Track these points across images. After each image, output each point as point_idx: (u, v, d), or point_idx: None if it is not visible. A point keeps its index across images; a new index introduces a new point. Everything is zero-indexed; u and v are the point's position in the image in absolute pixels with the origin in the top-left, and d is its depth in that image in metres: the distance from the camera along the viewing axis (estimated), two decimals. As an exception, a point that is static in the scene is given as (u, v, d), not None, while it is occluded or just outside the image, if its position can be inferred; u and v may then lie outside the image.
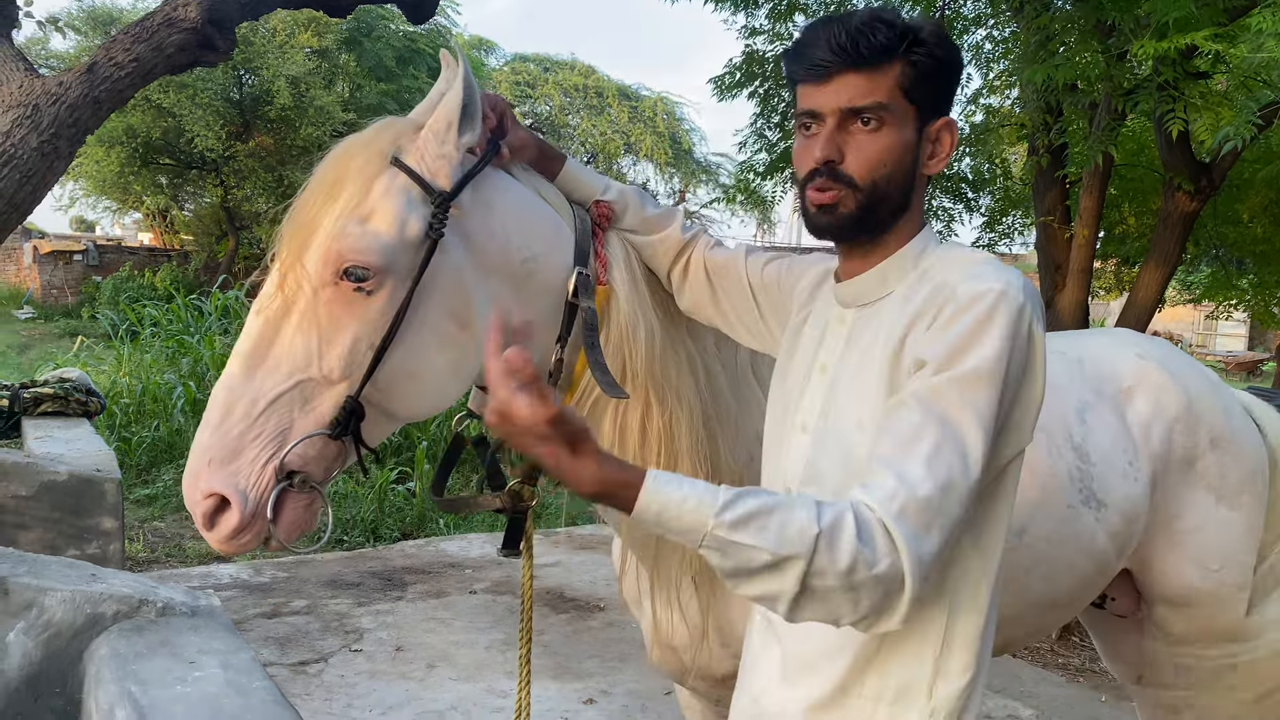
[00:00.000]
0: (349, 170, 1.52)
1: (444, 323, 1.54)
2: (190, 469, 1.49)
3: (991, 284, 1.28)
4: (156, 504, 7.46)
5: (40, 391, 5.39)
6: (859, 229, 1.40)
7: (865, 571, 1.16)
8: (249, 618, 5.08)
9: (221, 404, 1.48)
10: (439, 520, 7.39)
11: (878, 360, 1.36)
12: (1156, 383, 2.30)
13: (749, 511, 1.16)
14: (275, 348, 1.49)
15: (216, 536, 1.49)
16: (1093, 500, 2.15)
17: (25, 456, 4.11)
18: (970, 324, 1.26)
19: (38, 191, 3.42)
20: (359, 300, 1.48)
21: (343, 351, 1.48)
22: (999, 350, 1.25)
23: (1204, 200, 5.52)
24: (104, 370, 10.26)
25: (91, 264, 23.71)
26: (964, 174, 8.02)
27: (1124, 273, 8.87)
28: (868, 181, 1.36)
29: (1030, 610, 2.15)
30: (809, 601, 1.19)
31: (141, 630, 2.24)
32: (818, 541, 1.15)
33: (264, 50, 18.87)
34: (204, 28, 3.75)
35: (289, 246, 1.50)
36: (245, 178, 21.11)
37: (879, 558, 1.17)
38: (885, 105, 1.35)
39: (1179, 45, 3.79)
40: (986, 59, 7.35)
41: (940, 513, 1.20)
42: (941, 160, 1.41)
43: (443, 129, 1.55)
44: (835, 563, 1.16)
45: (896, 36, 1.34)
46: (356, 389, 1.51)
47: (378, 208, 1.49)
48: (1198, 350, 30.28)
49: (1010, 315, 1.26)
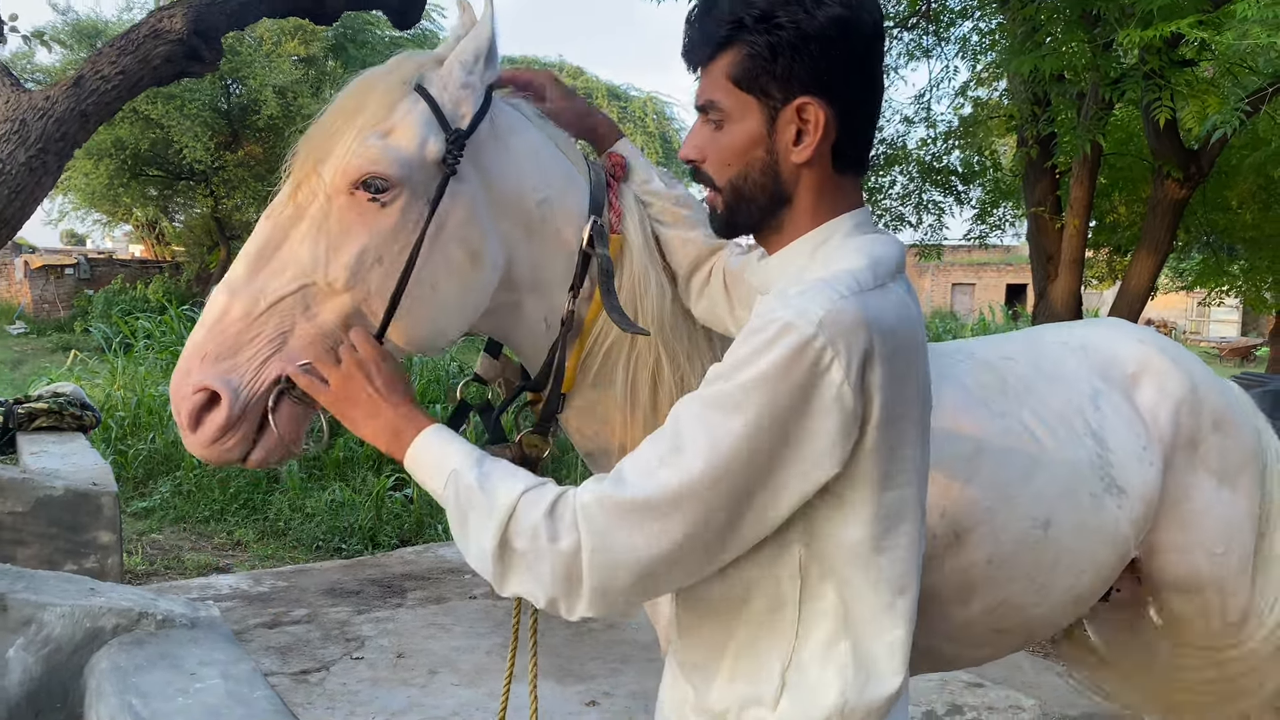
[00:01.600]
0: (371, 93, 1.51)
1: (454, 250, 1.53)
2: (181, 365, 1.45)
3: (786, 313, 1.17)
4: (154, 516, 7.44)
5: (35, 407, 5.38)
6: (733, 230, 1.38)
7: (544, 541, 1.19)
8: (249, 628, 5.07)
9: (220, 303, 1.46)
10: (437, 526, 7.38)
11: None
12: (1160, 367, 2.29)
13: (492, 469, 1.27)
14: (282, 251, 1.47)
15: (200, 437, 1.44)
16: (1114, 488, 2.11)
17: (21, 472, 4.10)
18: (746, 350, 1.18)
19: (26, 207, 3.41)
20: (372, 211, 1.47)
21: (350, 260, 1.46)
22: (754, 381, 1.16)
23: (1193, 187, 5.55)
24: (98, 384, 10.24)
25: (83, 277, 23.68)
26: (954, 167, 8.05)
27: (1116, 261, 8.90)
28: (724, 183, 1.32)
29: (1056, 606, 2.09)
30: (509, 562, 1.22)
31: (141, 643, 2.24)
32: (519, 500, 1.22)
33: (251, 59, 18.84)
34: (190, 39, 3.74)
35: (305, 158, 1.50)
36: (235, 187, 21.07)
37: (560, 533, 1.19)
38: (714, 103, 1.29)
39: (1164, 34, 3.80)
40: (974, 51, 7.38)
41: (647, 519, 1.17)
42: (810, 145, 1.26)
43: (470, 60, 1.55)
44: (526, 523, 1.20)
45: (724, 24, 1.26)
46: (380, 325, 1.49)
47: (399, 125, 1.49)
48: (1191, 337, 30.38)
49: (786, 350, 1.15)
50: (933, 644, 1.94)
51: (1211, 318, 31.30)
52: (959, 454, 1.92)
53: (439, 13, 17.05)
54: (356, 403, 1.38)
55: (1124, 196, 7.60)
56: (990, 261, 33.63)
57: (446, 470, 1.29)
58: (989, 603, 1.97)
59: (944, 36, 7.35)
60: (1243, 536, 2.31)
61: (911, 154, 7.86)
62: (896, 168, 7.82)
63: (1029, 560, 1.99)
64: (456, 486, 1.27)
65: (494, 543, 1.22)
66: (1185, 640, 2.40)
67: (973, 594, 1.95)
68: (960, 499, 1.89)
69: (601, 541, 1.18)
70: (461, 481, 1.27)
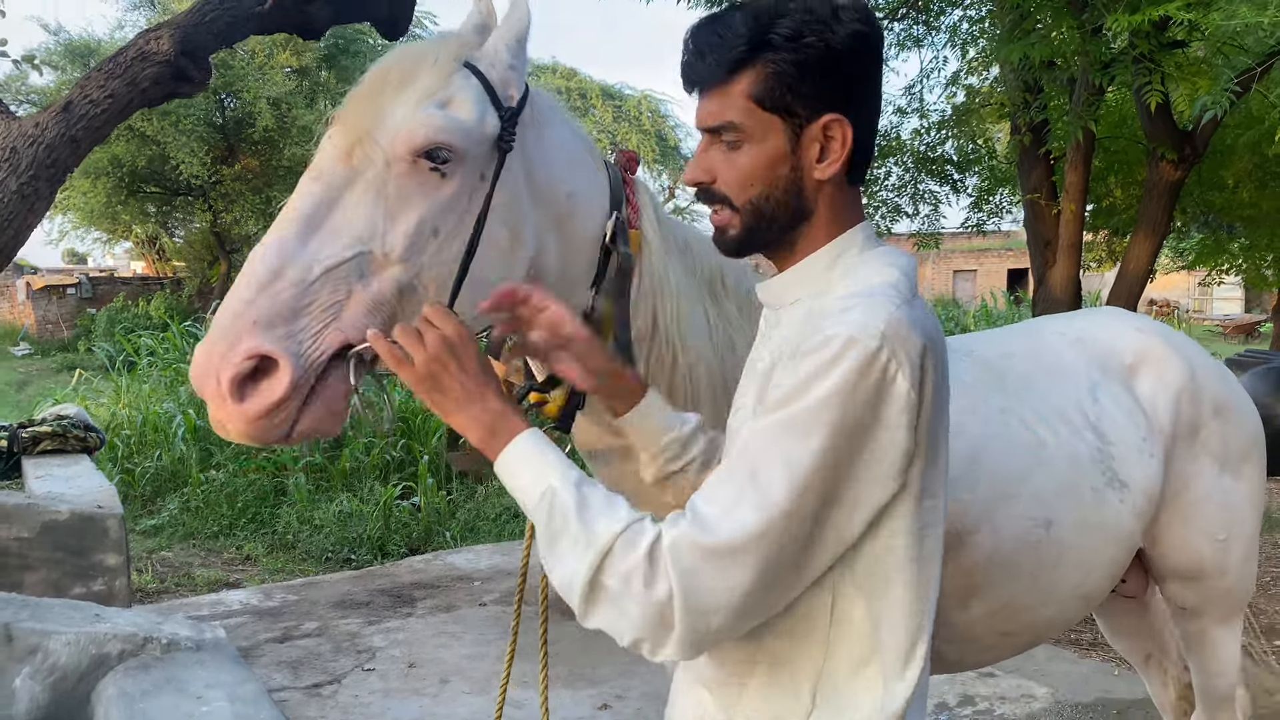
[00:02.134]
0: (423, 63, 1.48)
1: (500, 231, 1.50)
2: (224, 328, 1.32)
3: (845, 329, 1.17)
4: (163, 534, 7.46)
5: (38, 430, 5.40)
6: (749, 249, 1.35)
7: (639, 585, 1.17)
8: (260, 643, 5.08)
9: (270, 265, 1.35)
10: (445, 534, 7.39)
11: (759, 372, 1.33)
12: (1159, 355, 2.27)
13: (591, 495, 1.23)
14: (335, 215, 1.40)
15: (248, 409, 1.31)
16: (1116, 481, 2.08)
17: (26, 498, 4.11)
18: (808, 370, 1.17)
19: (20, 234, 3.43)
20: (433, 181, 1.43)
21: (408, 229, 1.41)
22: (823, 400, 1.15)
23: (1188, 168, 5.54)
24: (103, 403, 10.27)
25: (85, 296, 23.75)
26: (948, 156, 8.03)
27: (1115, 244, 8.88)
28: (744, 202, 1.29)
29: (1062, 604, 2.07)
30: (597, 599, 1.20)
31: (148, 668, 2.25)
32: (616, 539, 1.18)
33: (244, 73, 18.88)
34: (178, 59, 3.75)
35: (354, 125, 1.43)
36: (233, 201, 21.13)
37: (655, 579, 1.17)
38: (734, 124, 1.26)
39: (1152, 18, 3.79)
40: (963, 40, 7.37)
41: (733, 561, 1.16)
42: (835, 161, 1.27)
43: (514, 43, 1.54)
44: (621, 565, 1.18)
45: (742, 44, 1.23)
46: (441, 292, 1.45)
47: (457, 96, 1.46)
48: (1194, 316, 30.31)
49: (854, 364, 1.15)
50: (935, 647, 1.92)
51: (1214, 296, 31.24)
52: (959, 454, 1.90)
53: (430, 20, 17.05)
54: (445, 389, 1.31)
55: (1120, 179, 7.58)
56: (991, 247, 33.56)
57: (542, 485, 1.25)
58: (991, 605, 1.95)
59: (934, 26, 7.34)
60: (1246, 523, 2.30)
61: (906, 144, 7.86)
62: (891, 159, 7.81)
63: (1031, 560, 1.96)
64: (551, 506, 1.24)
65: (586, 577, 1.19)
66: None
67: (973, 596, 1.92)
68: (961, 500, 1.87)
69: (692, 587, 1.16)
70: (558, 502, 1.23)
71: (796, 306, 1.33)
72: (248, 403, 1.31)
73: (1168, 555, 2.26)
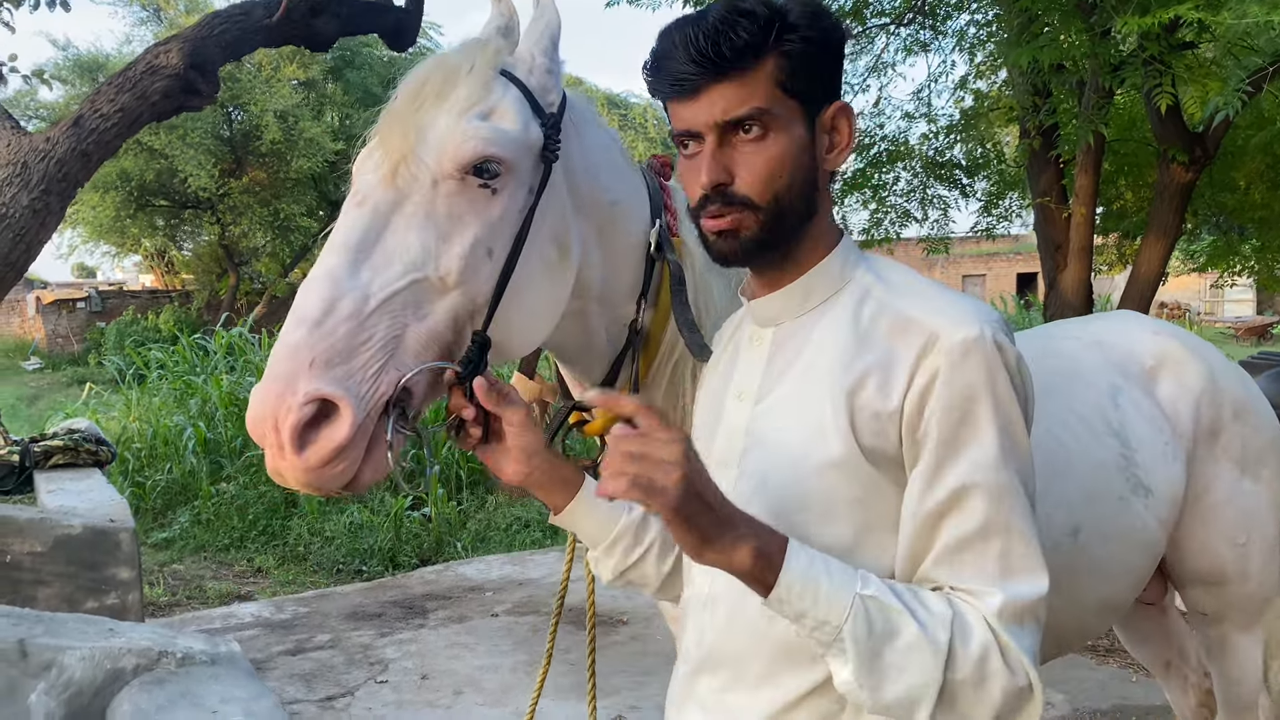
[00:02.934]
0: (459, 73, 1.39)
1: (548, 246, 1.44)
2: (280, 371, 1.22)
3: (969, 327, 1.16)
4: (175, 546, 7.47)
5: (50, 444, 5.41)
6: (766, 250, 1.25)
7: (998, 662, 1.12)
8: (273, 655, 5.07)
9: (324, 299, 1.26)
10: (456, 544, 7.38)
11: (824, 385, 1.22)
12: (1178, 358, 2.24)
13: (898, 588, 1.14)
14: (386, 241, 1.31)
15: (310, 458, 1.22)
16: (1140, 488, 2.05)
17: (39, 512, 4.12)
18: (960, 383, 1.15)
19: (31, 249, 3.44)
20: (483, 198, 1.35)
21: (463, 251, 1.33)
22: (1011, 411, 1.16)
23: (1200, 170, 5.50)
24: (114, 416, 10.29)
25: (95, 310, 23.84)
26: (957, 160, 8.01)
27: (1125, 247, 8.84)
28: (768, 198, 1.21)
29: (1087, 615, 2.03)
30: (954, 698, 1.11)
31: (162, 682, 2.24)
32: (953, 626, 1.11)
33: (251, 85, 18.98)
34: (186, 72, 3.76)
35: (395, 144, 1.35)
36: (241, 213, 21.22)
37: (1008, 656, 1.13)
38: (766, 110, 1.20)
39: (1162, 20, 3.77)
40: (971, 44, 7.35)
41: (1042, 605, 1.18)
42: (843, 150, 1.26)
43: (549, 46, 1.48)
44: (969, 651, 1.11)
45: (761, 28, 1.18)
46: (484, 317, 1.36)
47: (499, 106, 1.38)
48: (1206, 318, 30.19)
49: (1008, 360, 1.17)
50: None
51: (1226, 298, 31.11)
52: None
53: (435, 29, 17.11)
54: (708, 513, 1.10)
55: (1130, 182, 7.54)
56: (1000, 251, 33.48)
57: (847, 596, 1.10)
58: None
59: (941, 30, 7.32)
60: (1266, 527, 2.27)
61: (914, 149, 7.83)
62: (900, 164, 7.79)
63: (1059, 569, 1.93)
64: (869, 614, 1.10)
65: (939, 680, 1.10)
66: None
67: None
68: None
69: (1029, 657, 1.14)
70: (874, 607, 1.10)
71: (818, 316, 1.28)
72: (308, 451, 1.22)
73: (1188, 560, 2.23)
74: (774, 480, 1.24)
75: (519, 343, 1.47)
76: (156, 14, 20.62)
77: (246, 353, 11.00)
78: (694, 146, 1.24)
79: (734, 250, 1.25)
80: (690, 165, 1.25)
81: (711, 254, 1.28)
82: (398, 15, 4.99)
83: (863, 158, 7.55)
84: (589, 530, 1.39)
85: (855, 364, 1.20)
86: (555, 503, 1.36)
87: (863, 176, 7.50)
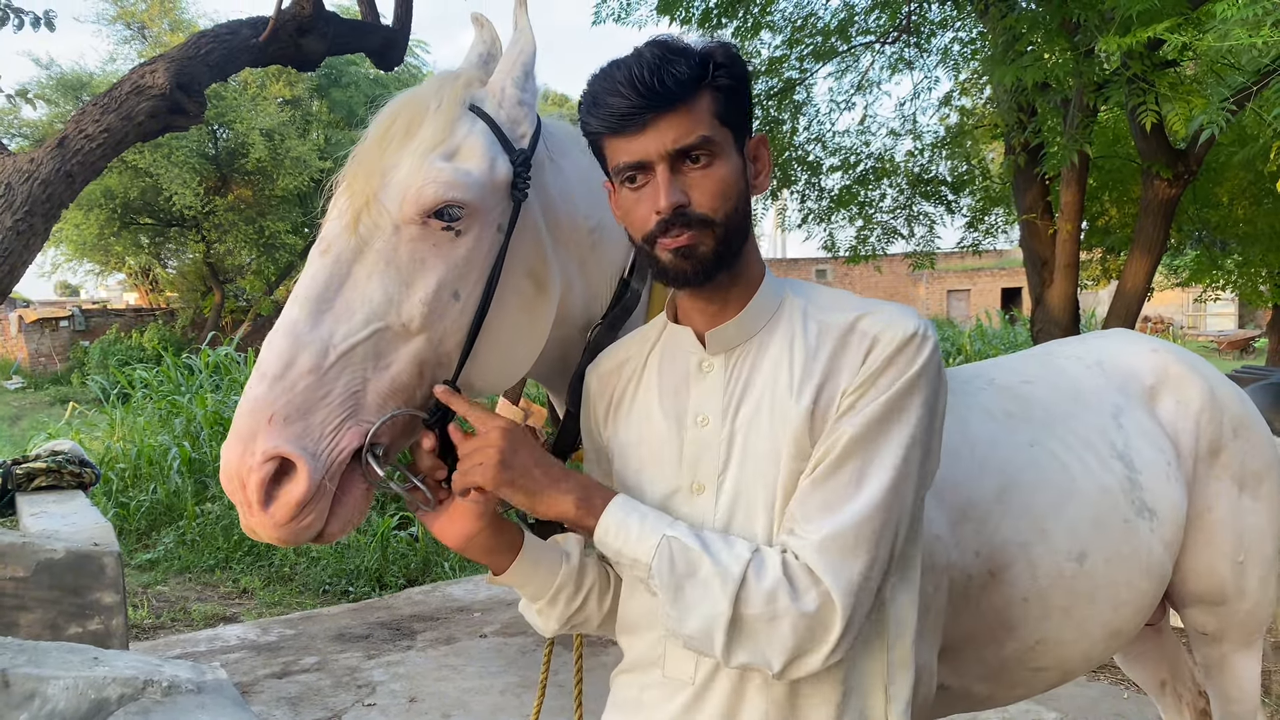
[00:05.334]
0: (424, 111, 1.39)
1: (524, 281, 1.42)
2: (241, 429, 1.25)
3: (910, 324, 1.29)
4: (159, 568, 7.39)
5: (33, 466, 5.33)
6: (720, 268, 1.30)
7: (786, 602, 1.19)
8: (259, 679, 5.01)
9: (283, 352, 1.27)
10: (444, 564, 7.33)
11: (787, 400, 1.29)
12: (1178, 375, 2.23)
13: (707, 535, 1.25)
14: (347, 291, 1.31)
15: (275, 515, 1.25)
16: (1145, 511, 2.03)
17: (21, 536, 4.05)
18: (883, 360, 1.26)
19: (15, 270, 3.40)
20: (446, 241, 1.34)
21: (426, 296, 1.32)
22: (913, 382, 1.26)
23: (1183, 186, 5.55)
24: (98, 436, 10.20)
25: (78, 329, 23.67)
26: (943, 176, 8.06)
27: (1110, 261, 8.90)
28: (722, 216, 1.28)
29: (1093, 642, 2.00)
30: (741, 632, 1.20)
31: (148, 712, 2.20)
32: (747, 567, 1.20)
33: (236, 104, 18.96)
34: (173, 93, 3.74)
35: (360, 187, 1.35)
36: (226, 231, 21.15)
37: (799, 592, 1.20)
38: (710, 138, 1.27)
39: (1143, 39, 3.79)
40: (955, 62, 7.40)
41: (861, 540, 1.22)
42: (765, 176, 1.36)
43: (521, 76, 1.46)
44: (760, 590, 1.19)
45: (698, 64, 1.26)
46: (456, 360, 1.37)
47: (464, 145, 1.38)
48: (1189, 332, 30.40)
49: (929, 348, 1.28)
50: (966, 685, 1.87)
51: (1208, 312, 31.34)
52: (988, 488, 1.86)
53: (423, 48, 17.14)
54: (530, 475, 1.29)
55: (1114, 198, 7.60)
56: (984, 266, 33.68)
57: (655, 537, 1.24)
58: (1026, 642, 1.89)
59: (925, 48, 7.37)
60: (1264, 544, 2.26)
61: (900, 166, 7.88)
62: (886, 180, 7.83)
63: (1065, 595, 1.90)
64: (672, 554, 1.23)
65: (729, 613, 1.20)
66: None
67: (1009, 634, 1.87)
68: (995, 535, 1.82)
69: (842, 582, 1.20)
70: (677, 547, 1.23)
71: (765, 338, 1.35)
72: (271, 509, 1.25)
73: (1189, 580, 2.21)
74: (753, 491, 1.31)
75: (496, 380, 1.47)
76: (140, 32, 20.59)
77: (232, 371, 10.94)
78: (642, 178, 1.29)
79: (694, 268, 1.29)
80: (639, 196, 1.29)
81: (668, 277, 1.31)
82: (385, 34, 4.98)
83: (849, 175, 7.59)
84: (532, 587, 1.46)
85: (811, 379, 1.29)
86: (499, 564, 1.42)
87: (849, 194, 7.54)
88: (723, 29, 6.56)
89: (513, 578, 1.43)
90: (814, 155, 7.55)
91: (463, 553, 1.39)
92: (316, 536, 1.29)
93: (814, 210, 7.72)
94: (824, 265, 34.19)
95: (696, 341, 1.38)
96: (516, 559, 1.42)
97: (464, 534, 1.37)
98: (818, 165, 7.60)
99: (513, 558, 1.42)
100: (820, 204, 7.69)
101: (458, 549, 1.38)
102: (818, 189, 7.71)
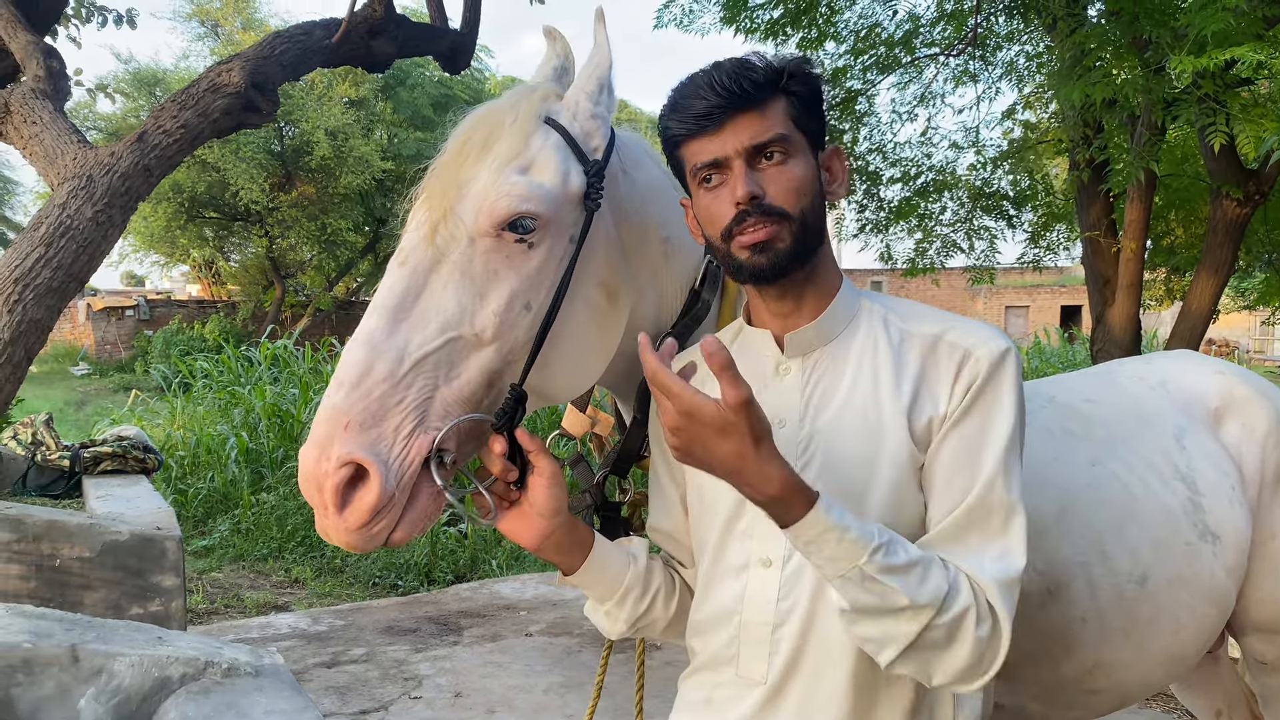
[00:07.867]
0: (501, 126, 1.42)
1: (594, 292, 1.44)
2: (318, 435, 1.28)
3: (1001, 341, 1.33)
4: (214, 555, 7.56)
5: (99, 450, 5.50)
6: (797, 261, 1.33)
7: (971, 627, 1.21)
8: (308, 667, 5.11)
9: (360, 361, 1.30)
10: (492, 562, 7.40)
11: (877, 401, 1.33)
12: (1243, 399, 2.19)
13: (903, 561, 1.20)
14: (423, 301, 1.34)
15: (349, 520, 1.28)
16: (1208, 534, 1.99)
17: (88, 518, 4.18)
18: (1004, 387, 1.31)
19: (94, 261, 3.51)
20: (519, 253, 1.37)
21: (499, 307, 1.35)
22: (1018, 409, 1.32)
23: (1254, 207, 5.43)
24: (158, 424, 10.46)
25: (143, 318, 24.27)
26: (1004, 191, 7.95)
27: (1174, 282, 8.71)
28: (796, 211, 1.31)
29: (1152, 666, 1.97)
30: (914, 651, 1.22)
31: (208, 692, 2.26)
32: (945, 598, 1.21)
33: (303, 102, 19.31)
34: (247, 91, 3.84)
35: (437, 200, 1.38)
36: (289, 227, 21.53)
37: (983, 618, 1.23)
38: (786, 136, 1.32)
39: (1219, 62, 3.72)
40: (1019, 75, 7.31)
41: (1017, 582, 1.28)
42: (841, 186, 1.40)
43: (595, 90, 1.49)
44: (948, 614, 1.21)
45: (773, 71, 1.33)
46: (520, 374, 1.39)
47: (538, 159, 1.41)
48: (1255, 356, 29.62)
49: (1014, 365, 1.33)
50: (1021, 703, 1.86)
51: (1276, 335, 30.50)
52: (1048, 506, 1.84)
53: (486, 53, 17.32)
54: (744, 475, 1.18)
55: (1181, 217, 7.45)
56: (1044, 283, 33.14)
57: (870, 542, 1.18)
58: (1082, 663, 1.87)
59: (990, 61, 7.29)
60: None
61: (961, 179, 7.79)
62: (946, 193, 7.75)
63: (1124, 618, 1.89)
64: (878, 564, 1.18)
65: (913, 636, 1.21)
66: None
67: (1066, 653, 1.85)
68: (1054, 554, 1.81)
69: (1009, 615, 1.25)
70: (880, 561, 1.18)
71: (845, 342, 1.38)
72: (349, 511, 1.28)
73: (1250, 609, 2.16)
74: (841, 489, 1.32)
75: (565, 389, 1.49)
76: (214, 30, 21.06)
77: (290, 364, 11.14)
78: (718, 177, 1.33)
79: (769, 262, 1.31)
80: (716, 194, 1.34)
81: (744, 273, 1.34)
82: (453, 38, 5.06)
83: (909, 187, 7.53)
84: (601, 588, 1.49)
85: (903, 382, 1.32)
86: (569, 564, 1.46)
87: (909, 205, 7.48)
88: (787, 39, 6.54)
89: (583, 578, 1.47)
90: (874, 166, 7.50)
91: (537, 552, 1.43)
92: (385, 541, 1.32)
93: (872, 221, 7.66)
94: (880, 277, 33.87)
95: (774, 344, 1.40)
96: (587, 560, 1.45)
97: (540, 533, 1.41)
98: (877, 176, 7.54)
99: (583, 557, 1.45)
100: (879, 215, 7.64)
101: (532, 548, 1.42)
102: (877, 200, 7.65)
